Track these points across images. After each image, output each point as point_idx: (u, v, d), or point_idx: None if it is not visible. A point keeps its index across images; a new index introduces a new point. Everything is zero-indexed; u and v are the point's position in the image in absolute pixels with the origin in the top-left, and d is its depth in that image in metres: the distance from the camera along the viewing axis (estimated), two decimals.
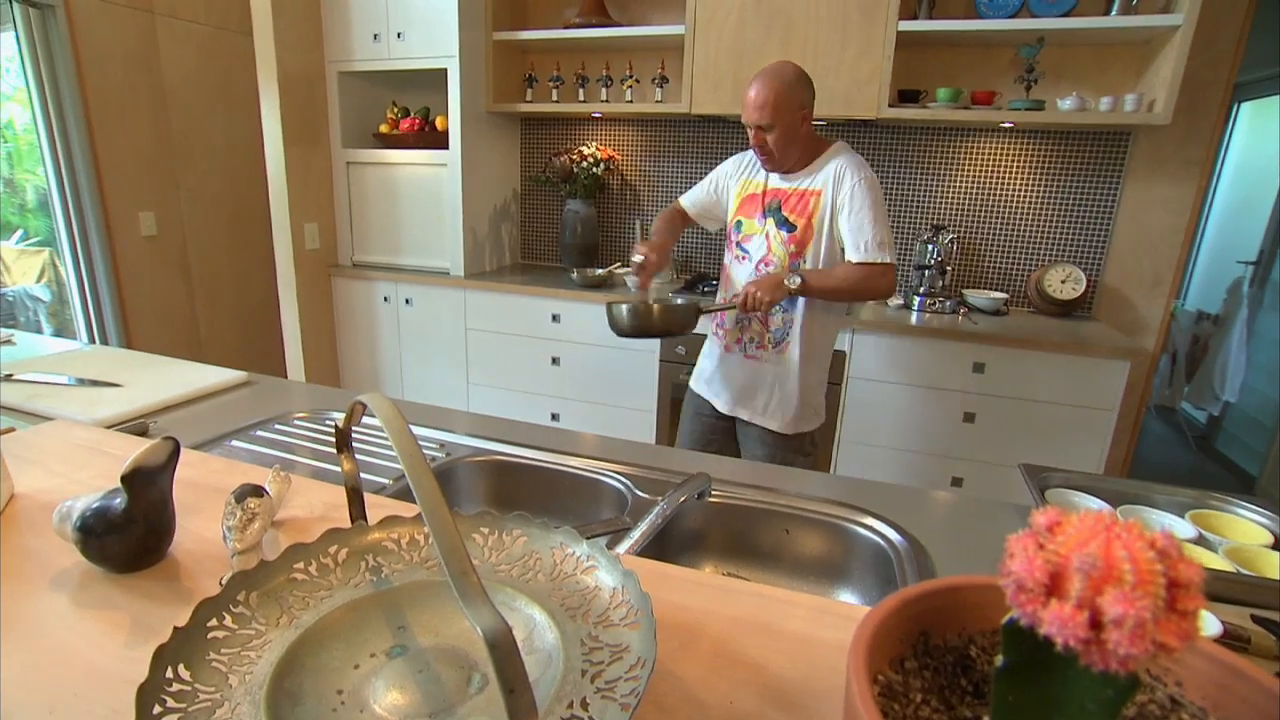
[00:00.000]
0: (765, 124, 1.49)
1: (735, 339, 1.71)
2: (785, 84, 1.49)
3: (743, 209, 1.69)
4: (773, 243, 1.61)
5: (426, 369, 2.95)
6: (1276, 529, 0.85)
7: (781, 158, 1.55)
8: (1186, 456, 3.74)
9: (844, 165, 1.55)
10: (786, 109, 1.49)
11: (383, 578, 0.56)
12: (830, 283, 1.55)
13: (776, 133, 1.50)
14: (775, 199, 1.62)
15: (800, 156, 1.58)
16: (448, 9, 2.56)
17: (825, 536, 0.95)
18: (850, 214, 1.53)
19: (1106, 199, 2.45)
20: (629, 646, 0.48)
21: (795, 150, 1.56)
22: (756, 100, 1.49)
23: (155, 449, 0.61)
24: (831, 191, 1.55)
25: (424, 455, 0.38)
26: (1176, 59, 1.99)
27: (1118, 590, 0.22)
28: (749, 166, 1.71)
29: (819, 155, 1.59)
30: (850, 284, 1.55)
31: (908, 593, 0.35)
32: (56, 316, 3.00)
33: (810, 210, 1.58)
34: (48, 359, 1.42)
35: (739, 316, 1.68)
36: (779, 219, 1.62)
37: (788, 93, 1.49)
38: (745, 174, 1.71)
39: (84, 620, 0.56)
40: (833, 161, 1.57)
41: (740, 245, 1.70)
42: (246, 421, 1.16)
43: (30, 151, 2.74)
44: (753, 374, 1.68)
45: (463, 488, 1.10)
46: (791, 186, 1.61)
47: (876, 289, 1.56)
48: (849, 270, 1.55)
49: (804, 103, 1.52)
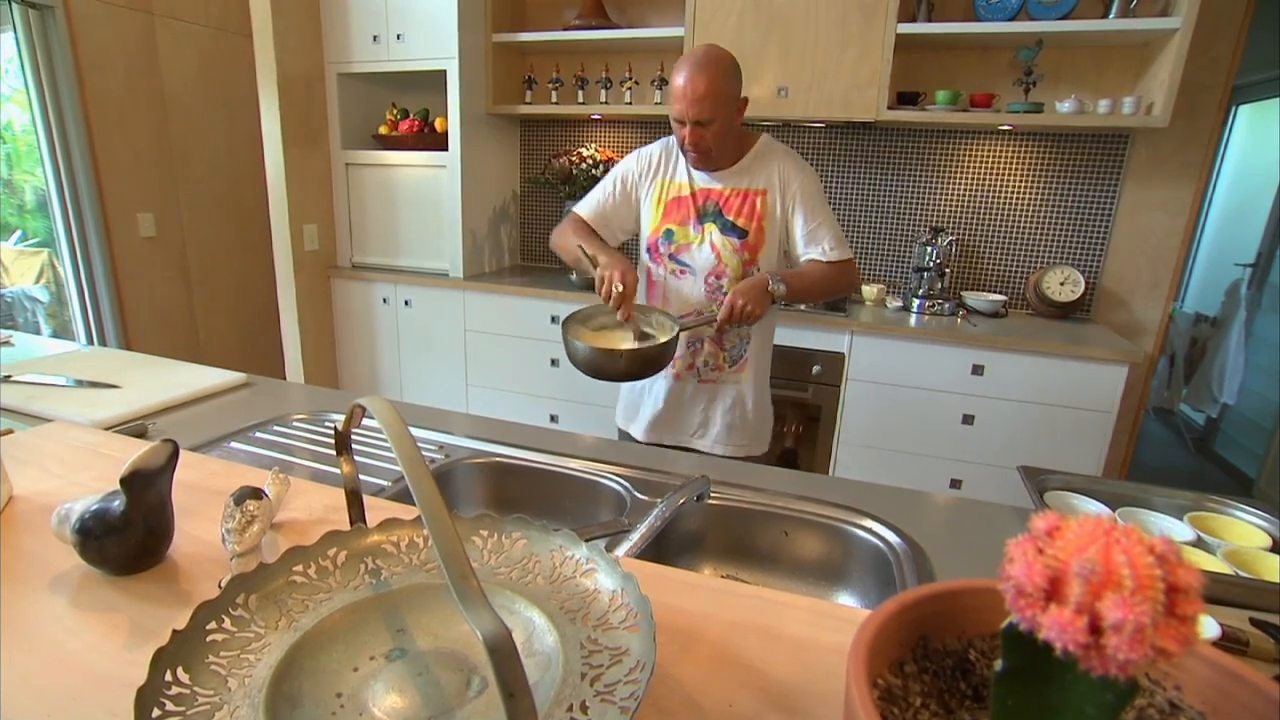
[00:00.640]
0: (705, 119, 1.32)
1: (687, 365, 1.51)
2: (724, 73, 1.33)
3: (669, 216, 1.48)
4: (722, 251, 1.44)
5: (425, 370, 2.95)
6: (1275, 532, 0.85)
7: (719, 155, 1.40)
8: (1185, 459, 3.74)
9: (786, 165, 1.44)
10: (727, 101, 1.34)
11: (382, 580, 0.56)
12: (809, 284, 1.44)
13: (716, 127, 1.34)
14: (710, 201, 1.46)
15: (728, 152, 1.44)
16: (447, 11, 2.57)
17: (824, 539, 0.95)
18: (805, 215, 1.43)
19: (1105, 201, 2.45)
20: (628, 649, 0.48)
21: (731, 145, 1.42)
22: (694, 92, 1.30)
23: (154, 451, 0.61)
24: (779, 192, 1.44)
25: (424, 459, 0.38)
26: (1175, 62, 2.00)
27: (1117, 595, 0.22)
28: (661, 165, 1.51)
29: (747, 150, 1.46)
30: (826, 284, 1.46)
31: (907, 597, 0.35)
32: (55, 317, 3.00)
33: (759, 213, 1.44)
34: (46, 360, 1.42)
35: (692, 339, 1.49)
36: (723, 224, 1.45)
37: (726, 83, 1.33)
38: (659, 174, 1.51)
39: (82, 623, 0.56)
40: (772, 161, 1.45)
41: (675, 258, 1.49)
42: (245, 423, 1.16)
43: (29, 153, 2.74)
44: (709, 399, 1.52)
45: (461, 490, 1.10)
46: (727, 186, 1.45)
47: (849, 285, 1.52)
48: (822, 270, 1.45)
49: (739, 92, 1.38)
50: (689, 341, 1.50)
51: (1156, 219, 2.41)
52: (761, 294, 1.35)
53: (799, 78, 2.36)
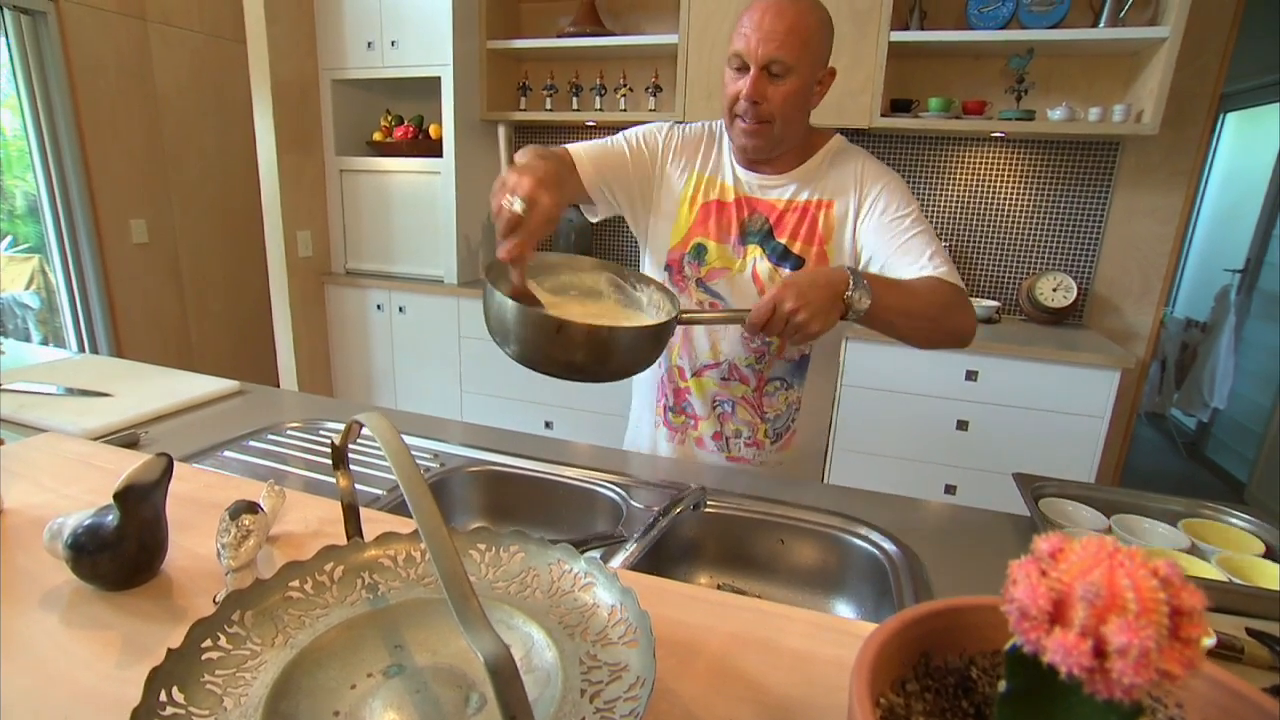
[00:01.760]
0: (780, 61, 0.94)
1: (712, 430, 1.14)
2: (819, 18, 0.97)
3: (703, 225, 1.10)
4: (767, 286, 1.07)
5: (420, 377, 2.94)
6: (1268, 538, 0.86)
7: (783, 133, 1.01)
8: (1177, 463, 3.77)
9: (865, 167, 1.07)
10: (814, 52, 0.97)
11: (379, 595, 0.56)
12: (908, 300, 0.94)
13: (790, 85, 0.96)
14: (757, 215, 1.08)
15: (794, 149, 1.07)
16: (441, 18, 2.57)
17: (820, 547, 0.95)
18: (894, 222, 1.02)
19: (1096, 208, 2.47)
20: (628, 665, 0.48)
21: (797, 133, 1.05)
22: (775, 24, 0.93)
23: (148, 465, 0.60)
24: (854, 203, 1.06)
25: (423, 477, 0.38)
26: (1163, 71, 2.02)
27: (1121, 619, 0.22)
28: (702, 152, 1.12)
29: (815, 150, 1.09)
30: (934, 307, 0.95)
31: (908, 614, 0.35)
32: (46, 324, 2.97)
33: (822, 234, 1.06)
34: (37, 368, 1.40)
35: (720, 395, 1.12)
36: (771, 248, 1.07)
37: (819, 31, 0.97)
38: (696, 163, 1.11)
39: (75, 640, 0.55)
40: (847, 164, 1.08)
41: (705, 285, 1.10)
42: (239, 432, 1.15)
43: (20, 158, 2.72)
44: None
45: (457, 499, 1.10)
46: (781, 196, 1.08)
47: (962, 327, 1.00)
48: (932, 287, 0.96)
49: (829, 55, 1.01)
50: (712, 399, 1.12)
51: (1147, 225, 2.43)
52: (828, 296, 0.85)
53: None
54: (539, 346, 0.81)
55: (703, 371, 1.14)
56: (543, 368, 0.82)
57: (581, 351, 0.80)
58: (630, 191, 1.13)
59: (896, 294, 0.93)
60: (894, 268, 1.02)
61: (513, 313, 0.79)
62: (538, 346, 0.81)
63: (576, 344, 0.79)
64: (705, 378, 1.14)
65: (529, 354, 0.81)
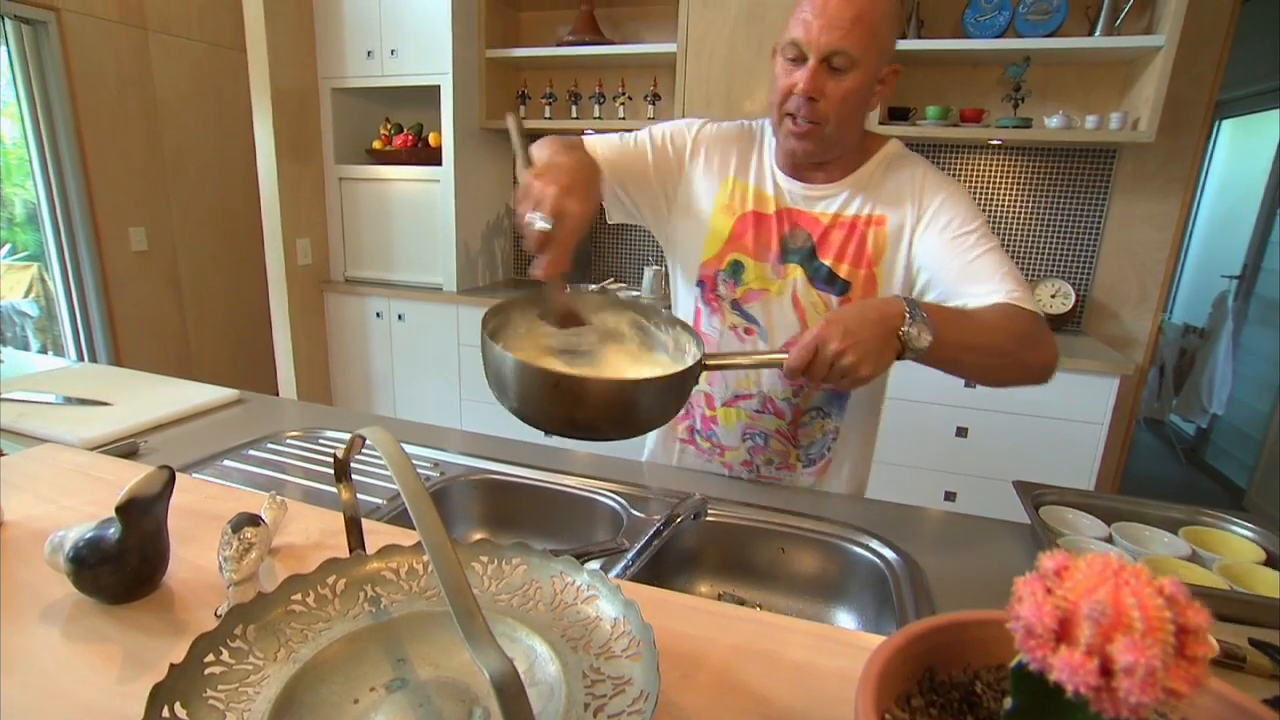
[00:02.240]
0: (843, 53, 0.83)
1: (741, 459, 1.06)
2: (887, 7, 0.87)
3: (740, 239, 0.98)
4: (808, 312, 0.97)
5: (419, 385, 2.93)
6: (1268, 545, 0.86)
7: (836, 136, 0.89)
8: (1176, 469, 3.77)
9: (924, 177, 0.95)
10: (879, 44, 0.86)
11: (382, 608, 0.56)
12: (975, 335, 0.81)
13: (852, 80, 0.85)
14: (798, 231, 0.97)
15: (847, 153, 0.96)
16: (441, 26, 2.58)
17: (821, 555, 0.95)
18: (958, 239, 0.90)
19: (1094, 215, 2.48)
20: (631, 679, 0.47)
21: (852, 136, 0.93)
22: (840, 10, 0.82)
23: (150, 478, 0.60)
24: (910, 217, 0.94)
25: (427, 492, 0.38)
26: (1159, 79, 2.03)
27: (1127, 638, 0.23)
28: (739, 154, 1.00)
29: (868, 157, 0.97)
30: (1013, 340, 0.83)
31: (912, 629, 0.35)
32: (45, 332, 2.97)
33: (871, 254, 0.94)
34: (35, 377, 1.40)
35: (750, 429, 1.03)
36: (814, 269, 0.96)
37: (888, 21, 0.87)
38: (731, 165, 1.00)
39: (76, 654, 0.55)
40: (903, 171, 0.96)
41: (740, 308, 1.00)
42: (238, 440, 1.15)
43: (20, 166, 2.73)
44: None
45: (457, 507, 1.09)
46: (827, 211, 0.96)
47: (1043, 361, 0.88)
48: (1008, 315, 0.84)
49: (893, 47, 0.91)
50: (743, 431, 1.03)
51: (1144, 232, 2.44)
52: (880, 334, 0.74)
53: None
54: (538, 402, 0.71)
55: (735, 401, 1.04)
56: (544, 425, 0.74)
57: (584, 408, 0.70)
58: (653, 197, 1.03)
59: (963, 326, 0.79)
60: (958, 293, 0.89)
61: (505, 364, 0.70)
62: (536, 402, 0.71)
63: (576, 399, 0.69)
64: (737, 408, 1.04)
65: (528, 411, 0.73)
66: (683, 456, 1.15)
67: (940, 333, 0.75)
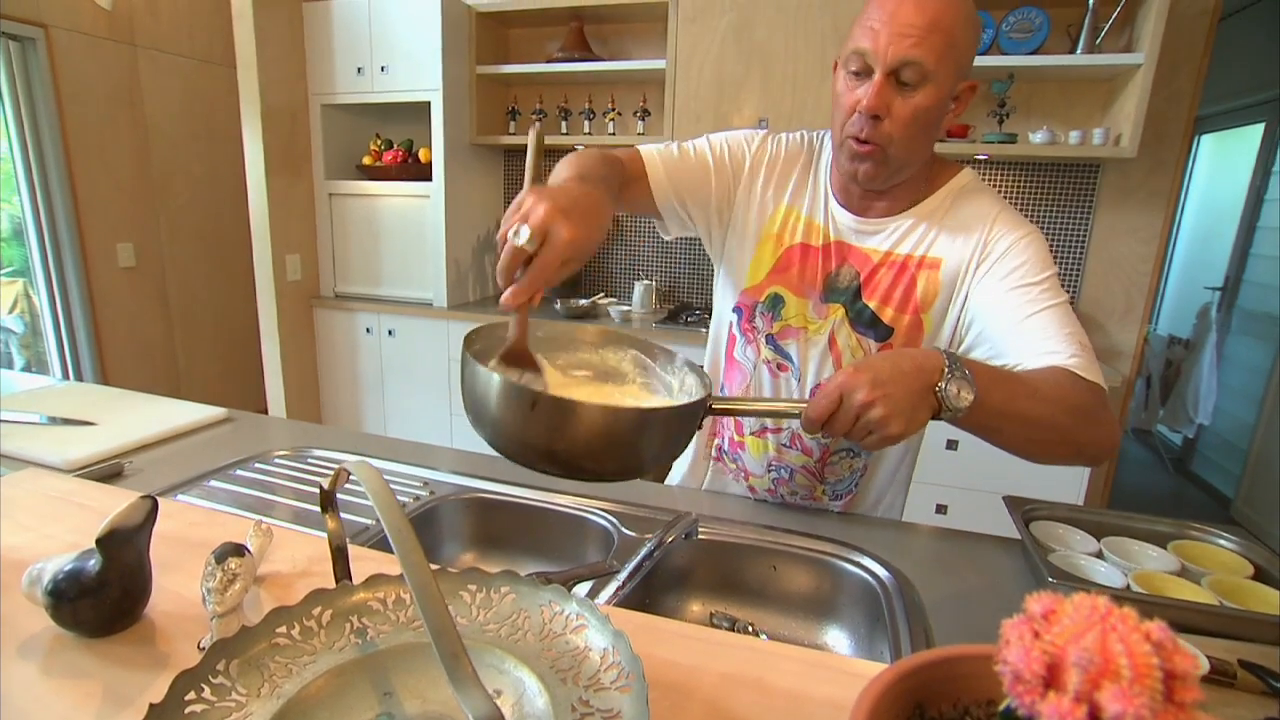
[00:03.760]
0: (916, 63, 0.73)
1: (767, 486, 1.01)
2: (967, 14, 0.76)
3: (784, 271, 0.93)
4: (845, 357, 0.92)
5: (409, 401, 2.92)
6: (1256, 559, 0.87)
7: (901, 159, 0.81)
8: (1164, 479, 3.80)
9: (997, 212, 0.86)
10: (961, 59, 0.77)
11: (368, 640, 0.55)
12: (1029, 405, 0.71)
13: (923, 97, 0.76)
14: (847, 269, 0.90)
15: (913, 180, 0.87)
16: (431, 43, 2.59)
17: (812, 573, 0.95)
18: (1018, 295, 0.80)
19: (1079, 229, 2.51)
20: (620, 712, 0.47)
21: (919, 160, 0.85)
22: (913, 17, 0.73)
23: (132, 509, 0.59)
24: (974, 258, 0.85)
25: (412, 529, 0.37)
26: (1140, 95, 2.06)
27: (1116, 686, 0.22)
28: (797, 178, 0.93)
29: (935, 189, 0.89)
30: (1067, 413, 0.72)
31: (903, 665, 0.35)
32: (29, 349, 2.94)
33: (919, 301, 0.87)
34: (19, 396, 1.38)
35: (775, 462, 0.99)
36: (857, 312, 0.90)
37: (969, 32, 0.77)
38: (788, 189, 0.93)
39: (53, 691, 0.53)
40: (970, 206, 0.87)
41: (775, 343, 0.95)
42: (226, 460, 1.13)
43: (6, 181, 2.71)
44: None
45: (448, 527, 1.08)
46: (880, 247, 0.89)
47: (1097, 437, 0.75)
48: (1064, 383, 0.73)
49: (971, 62, 0.80)
50: (769, 463, 0.98)
51: (1129, 245, 2.47)
52: (914, 388, 0.65)
53: (779, 108, 2.40)
54: (514, 429, 0.59)
55: (763, 433, 1.00)
56: (521, 457, 0.61)
57: (565, 437, 0.58)
58: (707, 211, 0.96)
59: (1011, 390, 0.70)
60: (1010, 350, 0.78)
61: (481, 382, 0.58)
62: (513, 429, 0.59)
63: (554, 427, 0.57)
64: (764, 440, 1.00)
65: (503, 438, 0.61)
66: (713, 478, 1.10)
67: (984, 394, 0.66)
